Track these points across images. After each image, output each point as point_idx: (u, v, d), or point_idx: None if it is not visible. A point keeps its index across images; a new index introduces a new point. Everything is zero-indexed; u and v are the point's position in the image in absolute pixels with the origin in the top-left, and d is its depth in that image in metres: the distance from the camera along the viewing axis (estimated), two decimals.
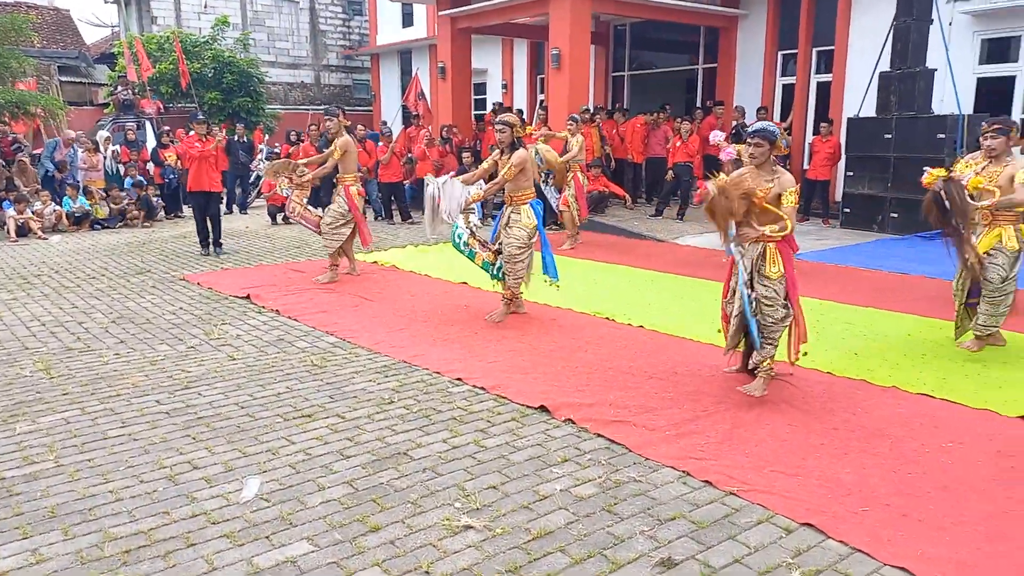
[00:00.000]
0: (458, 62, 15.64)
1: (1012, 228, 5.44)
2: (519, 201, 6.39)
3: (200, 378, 5.10)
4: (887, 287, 7.68)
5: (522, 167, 6.25)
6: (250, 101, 20.14)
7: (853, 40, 13.10)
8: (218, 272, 8.75)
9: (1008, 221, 5.45)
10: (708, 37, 15.69)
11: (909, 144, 10.75)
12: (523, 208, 6.37)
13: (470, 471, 3.75)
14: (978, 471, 3.74)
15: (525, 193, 6.39)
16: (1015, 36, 11.52)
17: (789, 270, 4.65)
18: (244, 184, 15.07)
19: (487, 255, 6.57)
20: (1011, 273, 5.47)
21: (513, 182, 6.32)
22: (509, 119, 6.38)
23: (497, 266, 6.54)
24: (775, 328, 4.69)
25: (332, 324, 6.43)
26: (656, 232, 11.07)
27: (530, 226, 6.34)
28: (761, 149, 4.62)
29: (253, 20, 24.75)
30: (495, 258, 6.54)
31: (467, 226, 6.62)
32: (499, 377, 5.04)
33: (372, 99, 24.66)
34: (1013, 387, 4.83)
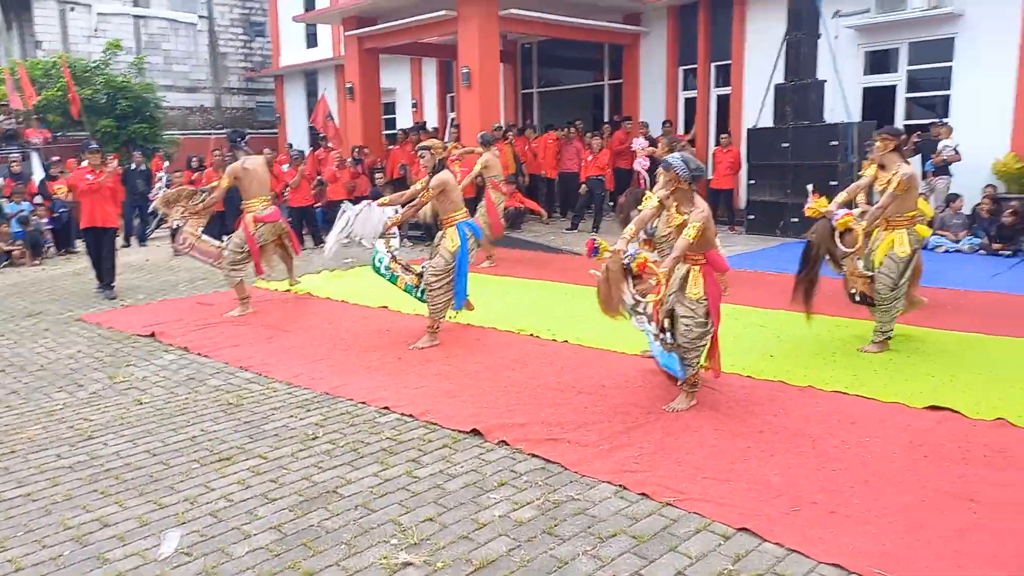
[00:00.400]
0: (366, 82, 15.48)
1: (905, 232, 5.65)
2: (447, 224, 6.35)
3: (105, 426, 4.78)
4: (791, 290, 7.94)
5: (441, 189, 6.21)
6: (147, 127, 19.34)
7: (748, 55, 13.65)
8: (119, 310, 8.29)
9: (902, 225, 5.67)
10: (612, 54, 16.05)
11: (805, 152, 11.25)
12: (449, 231, 6.32)
13: (405, 504, 3.64)
14: (894, 463, 3.89)
15: (452, 215, 6.33)
16: (894, 48, 12.25)
17: (712, 291, 4.67)
18: (143, 215, 14.40)
19: (410, 279, 6.49)
20: (900, 280, 5.67)
21: (439, 204, 6.30)
22: (428, 143, 6.38)
23: (421, 289, 6.46)
24: (692, 349, 4.66)
25: (246, 359, 6.17)
26: (573, 246, 11.18)
27: (451, 251, 6.26)
28: (667, 178, 4.70)
29: (148, 44, 23.86)
30: (418, 281, 6.45)
31: (388, 250, 6.55)
32: (427, 403, 4.94)
33: (277, 121, 24.11)
34: (919, 379, 5.07)
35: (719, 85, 14.45)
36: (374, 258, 6.59)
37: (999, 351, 5.58)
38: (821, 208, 5.62)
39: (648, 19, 15.05)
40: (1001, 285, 7.67)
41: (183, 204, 7.93)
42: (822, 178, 10.85)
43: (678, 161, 4.58)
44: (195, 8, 24.67)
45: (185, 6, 24.43)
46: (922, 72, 12.11)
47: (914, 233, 5.71)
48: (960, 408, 4.49)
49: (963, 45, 11.41)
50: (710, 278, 4.69)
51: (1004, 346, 5.70)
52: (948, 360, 5.42)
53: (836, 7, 12.12)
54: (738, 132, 13.53)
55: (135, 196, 13.79)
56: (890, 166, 5.70)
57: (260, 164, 7.81)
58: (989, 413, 4.40)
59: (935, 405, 4.56)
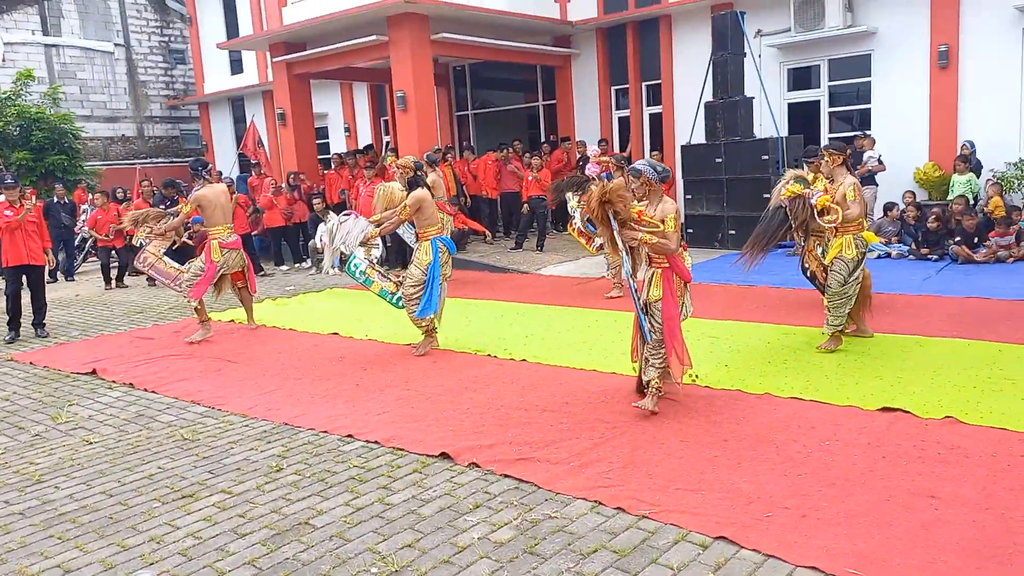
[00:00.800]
0: (298, 108, 15.28)
1: (852, 237, 6.01)
2: (422, 237, 6.63)
3: (54, 469, 4.56)
4: (738, 300, 8.18)
5: (418, 206, 6.52)
6: (66, 159, 18.60)
7: (677, 74, 14.06)
8: (53, 348, 7.92)
9: (850, 232, 6.03)
10: (545, 75, 16.30)
11: (738, 166, 11.62)
12: (423, 245, 6.59)
13: (380, 532, 3.58)
14: (855, 465, 4.02)
15: (427, 230, 6.60)
16: (815, 65, 12.81)
17: (668, 299, 4.83)
18: (68, 248, 13.84)
19: (387, 284, 6.82)
20: (850, 278, 6.02)
21: (416, 219, 6.60)
22: (402, 162, 6.88)
23: (397, 296, 6.76)
24: (656, 351, 4.87)
25: (196, 392, 5.98)
26: (519, 264, 11.25)
27: (424, 263, 6.52)
28: (635, 184, 5.00)
29: (62, 73, 22.99)
30: (396, 288, 6.76)
31: (366, 257, 6.84)
32: (392, 428, 4.87)
33: (204, 149, 23.54)
34: (868, 382, 5.26)
35: (651, 104, 14.82)
36: (350, 262, 6.81)
37: (939, 352, 5.84)
38: (796, 191, 5.98)
39: (578, 41, 15.36)
40: (932, 288, 8.05)
41: (150, 225, 8.03)
42: (755, 191, 11.28)
43: (646, 167, 5.00)
44: (110, 36, 23.97)
45: (99, 35, 23.69)
46: (843, 87, 12.70)
47: (860, 238, 6.06)
48: (911, 408, 4.67)
49: (879, 60, 12.03)
50: (669, 284, 4.85)
51: (943, 347, 5.96)
52: (893, 362, 5.65)
53: (758, 26, 12.60)
54: (671, 149, 13.91)
55: (60, 230, 13.26)
56: (838, 178, 6.08)
57: (223, 192, 7.96)
58: (938, 412, 4.59)
59: (887, 407, 4.73)
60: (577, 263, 11.26)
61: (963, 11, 11.14)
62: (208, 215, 7.71)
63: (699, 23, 13.58)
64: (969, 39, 11.17)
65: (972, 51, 11.17)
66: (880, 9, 11.84)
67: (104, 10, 23.72)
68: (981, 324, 6.52)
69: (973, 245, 9.39)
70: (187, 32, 23.75)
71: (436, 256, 6.52)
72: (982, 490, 3.63)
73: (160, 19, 24.96)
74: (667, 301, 4.85)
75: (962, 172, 10.63)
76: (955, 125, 11.40)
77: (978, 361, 5.53)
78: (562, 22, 14.80)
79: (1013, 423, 4.36)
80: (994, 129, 11.09)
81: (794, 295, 8.18)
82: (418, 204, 6.50)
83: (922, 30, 11.48)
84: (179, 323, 8.79)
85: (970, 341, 6.05)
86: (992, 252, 9.25)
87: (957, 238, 9.48)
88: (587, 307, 8.30)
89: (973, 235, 9.45)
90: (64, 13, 22.98)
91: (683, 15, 13.83)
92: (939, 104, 11.49)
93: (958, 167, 10.71)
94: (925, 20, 11.43)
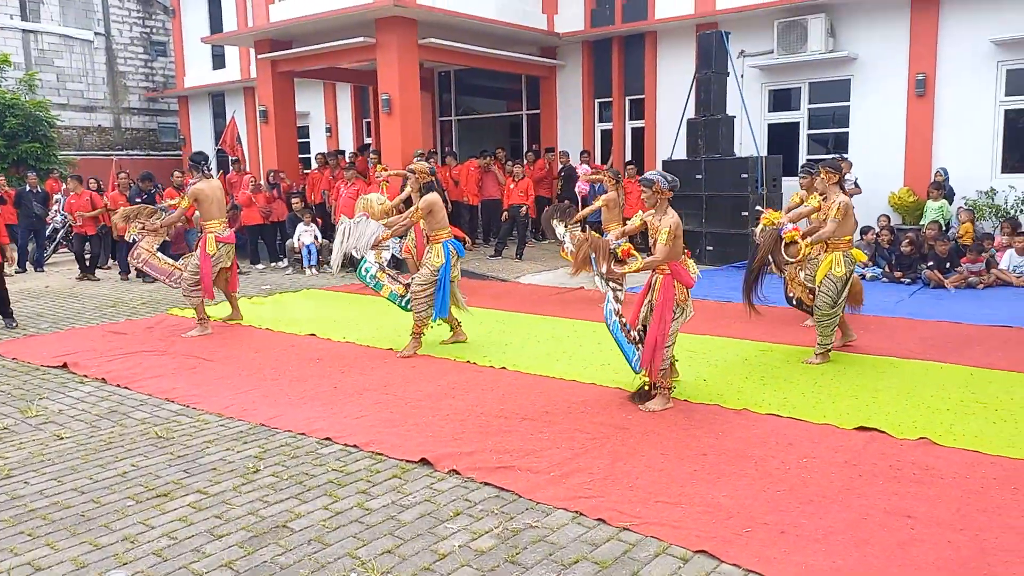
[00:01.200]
0: (281, 106, 15.16)
1: (841, 254, 6.16)
2: (433, 240, 6.78)
3: (23, 464, 4.45)
4: (715, 316, 8.24)
5: (429, 209, 6.67)
6: (39, 147, 18.26)
7: (661, 90, 14.19)
8: (22, 339, 7.76)
9: (839, 247, 6.17)
10: (530, 85, 16.36)
11: (718, 183, 11.75)
12: (435, 247, 6.74)
13: (359, 537, 3.54)
14: (833, 482, 4.06)
15: (437, 233, 6.77)
16: (795, 88, 13.01)
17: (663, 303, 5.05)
18: (39, 239, 13.57)
19: (396, 287, 6.97)
20: (839, 298, 6.17)
21: (426, 222, 6.77)
22: (414, 167, 7.06)
23: (405, 298, 6.90)
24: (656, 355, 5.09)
25: (170, 390, 5.89)
26: (499, 272, 11.25)
27: (436, 264, 6.67)
28: (645, 194, 5.17)
29: (39, 59, 22.59)
30: (405, 291, 6.90)
31: (377, 261, 6.95)
32: (371, 432, 4.83)
33: (182, 143, 23.24)
34: (844, 401, 5.33)
35: (633, 118, 14.93)
36: (361, 266, 6.96)
37: (913, 373, 5.93)
38: (774, 219, 6.17)
39: (564, 53, 15.45)
40: (905, 311, 8.18)
41: (142, 221, 8.00)
42: (735, 208, 11.42)
43: (659, 176, 5.20)
44: (91, 25, 23.62)
45: (79, 22, 23.33)
46: (823, 110, 12.91)
47: (849, 255, 6.20)
48: (886, 428, 4.74)
49: (858, 86, 12.26)
50: (668, 290, 5.05)
51: (917, 369, 6.06)
52: (868, 382, 5.73)
53: (741, 47, 12.77)
54: (652, 163, 14.02)
55: (31, 219, 13.01)
56: (830, 196, 6.25)
57: (218, 187, 8.00)
58: (912, 433, 4.66)
59: (863, 426, 4.79)
60: (555, 272, 11.29)
61: (941, 42, 11.40)
62: (205, 209, 7.72)
63: (683, 41, 13.74)
64: (946, 69, 11.43)
65: (949, 81, 11.43)
66: (861, 36, 12.07)
67: None
68: (953, 347, 6.64)
69: (945, 270, 9.57)
70: (170, 24, 23.50)
71: (448, 258, 6.71)
72: (956, 511, 3.68)
73: (143, 10, 24.66)
74: (660, 305, 5.00)
75: (936, 198, 10.85)
76: (930, 152, 11.65)
77: (951, 384, 5.63)
78: (549, 33, 14.88)
79: (985, 446, 4.44)
80: (967, 158, 11.35)
81: (771, 312, 8.23)
82: (430, 208, 6.65)
83: (901, 58, 11.72)
84: (152, 319, 8.66)
85: (943, 364, 6.15)
86: (963, 277, 9.43)
87: (930, 263, 9.66)
88: (566, 316, 8.32)
89: (945, 260, 9.63)
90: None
91: (668, 32, 13.98)
92: (915, 131, 11.73)
93: (932, 193, 10.93)
94: (904, 48, 11.67)
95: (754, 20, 12.75)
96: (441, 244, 6.73)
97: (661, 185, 5.13)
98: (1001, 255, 9.78)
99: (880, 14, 11.85)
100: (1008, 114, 11.21)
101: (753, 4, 12.58)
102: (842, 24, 12.19)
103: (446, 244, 6.74)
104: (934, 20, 11.39)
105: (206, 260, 7.71)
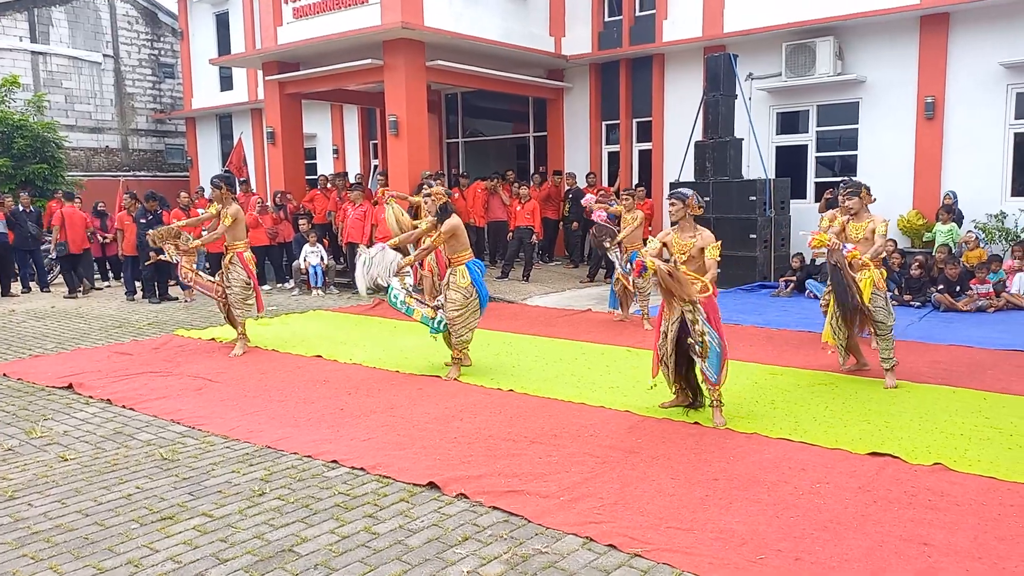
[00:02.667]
0: (288, 127, 15.24)
1: (876, 270, 6.20)
2: (456, 263, 6.70)
3: (27, 485, 4.41)
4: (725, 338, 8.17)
5: (452, 233, 6.61)
6: (47, 168, 18.38)
7: (668, 112, 14.23)
8: (28, 360, 7.74)
9: (875, 265, 6.22)
10: (536, 107, 16.43)
11: (726, 205, 11.73)
12: (459, 269, 6.66)
13: (367, 562, 3.48)
14: (848, 509, 3.99)
15: (461, 255, 6.69)
16: (803, 110, 13.02)
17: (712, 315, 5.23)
18: (36, 257, 13.47)
19: (427, 310, 6.85)
20: (889, 306, 6.24)
21: (448, 246, 6.69)
22: (430, 191, 6.81)
23: (438, 320, 6.79)
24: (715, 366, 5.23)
25: (176, 411, 5.85)
26: (505, 294, 11.21)
27: (464, 286, 6.62)
28: (676, 207, 5.25)
29: (48, 81, 22.80)
30: (435, 313, 6.81)
31: (402, 286, 6.91)
32: (378, 455, 4.78)
33: (189, 164, 23.38)
34: (856, 425, 5.26)
35: (640, 140, 14.96)
36: (390, 293, 6.95)
37: (925, 398, 5.86)
38: (826, 240, 6.09)
39: (571, 75, 15.52)
40: (916, 335, 8.11)
41: (172, 242, 8.08)
42: (743, 230, 11.39)
43: (691, 193, 5.39)
44: (99, 47, 23.86)
45: (88, 44, 23.58)
46: (831, 133, 12.91)
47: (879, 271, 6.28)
48: (900, 454, 4.66)
49: (867, 109, 12.26)
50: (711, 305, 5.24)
51: (929, 393, 5.99)
52: (880, 406, 5.65)
53: (750, 70, 12.82)
54: (660, 185, 14.03)
55: (26, 239, 12.96)
56: (863, 215, 6.40)
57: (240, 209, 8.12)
58: (927, 458, 4.59)
59: (876, 451, 4.72)
60: (563, 295, 11.26)
61: (950, 65, 11.40)
62: (236, 229, 7.89)
63: (691, 63, 13.80)
64: (955, 92, 11.42)
65: (958, 104, 11.42)
66: (870, 59, 12.10)
67: (95, 20, 23.66)
68: (965, 372, 6.57)
69: (955, 294, 9.51)
70: (178, 46, 23.72)
71: (475, 276, 6.71)
72: (974, 539, 3.61)
73: (151, 32, 24.91)
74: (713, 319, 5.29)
75: (945, 221, 10.81)
76: (939, 175, 11.61)
77: (964, 409, 5.55)
78: (556, 56, 14.96)
79: (1002, 472, 4.36)
80: (977, 181, 11.31)
81: (780, 335, 8.22)
82: (452, 232, 6.62)
83: (910, 81, 11.73)
84: (158, 339, 8.64)
85: (955, 388, 6.08)
86: (972, 300, 9.36)
87: (940, 286, 9.60)
88: (574, 339, 8.27)
89: (955, 283, 9.57)
90: (54, 21, 22.90)
91: (676, 55, 14.04)
92: (924, 154, 11.71)
93: (941, 216, 10.89)
94: (913, 71, 11.68)
95: (762, 43, 12.79)
96: (464, 266, 6.69)
97: (695, 202, 5.24)
98: (1011, 278, 9.71)
99: (889, 37, 11.87)
100: (1018, 137, 11.17)
101: (761, 27, 12.63)
102: (850, 47, 12.22)
103: (469, 265, 6.71)
104: (943, 43, 11.40)
105: (253, 277, 7.95)
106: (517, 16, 14.43)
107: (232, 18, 20.06)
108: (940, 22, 11.37)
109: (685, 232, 5.34)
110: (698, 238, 5.29)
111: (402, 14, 12.12)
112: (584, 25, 14.92)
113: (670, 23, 13.88)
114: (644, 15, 14.39)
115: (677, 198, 5.26)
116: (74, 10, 23.24)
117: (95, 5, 23.60)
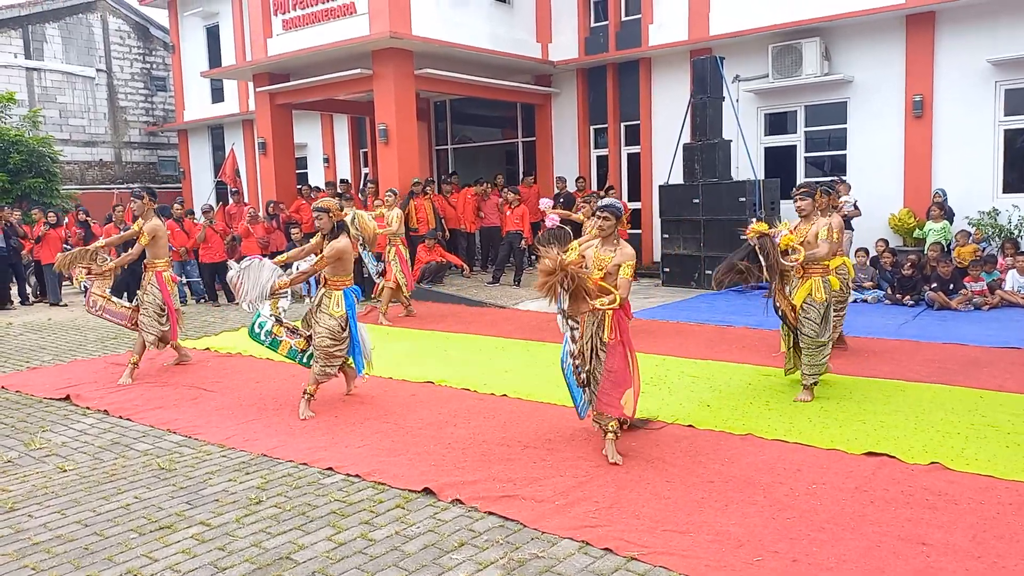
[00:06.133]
0: (279, 138, 15.25)
1: (820, 279, 5.96)
2: (333, 286, 6.07)
3: (27, 496, 4.41)
4: (717, 340, 8.22)
5: (338, 257, 5.95)
6: (42, 182, 18.38)
7: (656, 115, 14.29)
8: (25, 372, 7.72)
9: (817, 273, 5.99)
10: (525, 113, 16.47)
11: (715, 207, 11.78)
12: (335, 294, 6.04)
13: (364, 568, 3.49)
14: (844, 509, 4.00)
15: (340, 279, 6.06)
16: (791, 111, 13.09)
17: (624, 336, 4.84)
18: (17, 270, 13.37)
19: (296, 342, 6.21)
20: (824, 323, 5.94)
21: (331, 269, 6.03)
22: (325, 205, 6.06)
23: (308, 353, 6.18)
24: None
25: (172, 421, 5.85)
26: (496, 299, 11.22)
27: (338, 315, 6.00)
28: (609, 223, 4.95)
29: (42, 96, 22.81)
30: (306, 345, 6.18)
31: (273, 313, 6.18)
32: (373, 462, 4.79)
33: (181, 176, 23.36)
34: (851, 425, 5.27)
35: (629, 144, 15.01)
36: (253, 323, 6.22)
37: (921, 397, 5.87)
38: (760, 229, 5.77)
39: (559, 80, 15.57)
40: (909, 333, 8.14)
41: (84, 265, 7.36)
42: (732, 231, 11.37)
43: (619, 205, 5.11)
44: (92, 62, 23.86)
45: (82, 59, 23.58)
46: (819, 133, 12.97)
47: (827, 281, 6.02)
48: (896, 453, 4.67)
49: (855, 108, 12.32)
50: (622, 324, 4.84)
51: (924, 392, 5.99)
52: (875, 406, 5.67)
53: (736, 72, 12.87)
54: (649, 188, 14.10)
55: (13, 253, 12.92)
56: (812, 217, 6.22)
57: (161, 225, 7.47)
58: (923, 458, 4.60)
59: (872, 451, 4.73)
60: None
61: (938, 62, 11.47)
62: (156, 247, 7.34)
63: (678, 67, 13.86)
64: (944, 90, 11.49)
65: (946, 101, 11.48)
66: (856, 59, 12.17)
67: (88, 36, 23.68)
68: (960, 370, 6.58)
69: (949, 292, 9.56)
70: (169, 60, 23.74)
71: (352, 307, 6.08)
72: (972, 538, 3.62)
73: (143, 46, 24.94)
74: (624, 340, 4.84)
75: (937, 219, 10.86)
76: (929, 173, 11.67)
77: (960, 407, 5.57)
78: (543, 62, 15.01)
79: (999, 470, 4.37)
80: (967, 178, 11.37)
81: (772, 337, 8.20)
82: (338, 255, 5.94)
83: (897, 79, 11.80)
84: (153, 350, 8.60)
85: (951, 387, 6.09)
86: (967, 298, 9.41)
87: (933, 284, 9.65)
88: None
89: (949, 281, 9.62)
90: (48, 38, 22.94)
91: (663, 58, 14.10)
92: (913, 152, 11.77)
93: (933, 214, 10.94)
94: (900, 70, 11.76)
95: (748, 45, 12.86)
96: (342, 292, 6.03)
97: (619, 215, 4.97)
98: (1004, 276, 9.77)
99: (875, 37, 11.95)
100: (1008, 134, 11.24)
101: (747, 29, 12.69)
102: (837, 47, 12.29)
103: (347, 292, 6.06)
104: (929, 42, 11.47)
105: (168, 299, 7.38)
106: (504, 23, 14.49)
107: (223, 31, 20.08)
108: (926, 21, 11.45)
109: (606, 246, 4.98)
110: (618, 254, 4.90)
111: (390, 24, 12.16)
112: (571, 30, 14.98)
113: (656, 27, 13.95)
114: (630, 19, 14.45)
115: (612, 213, 4.96)
116: (67, 26, 23.26)
117: (88, 21, 23.64)
